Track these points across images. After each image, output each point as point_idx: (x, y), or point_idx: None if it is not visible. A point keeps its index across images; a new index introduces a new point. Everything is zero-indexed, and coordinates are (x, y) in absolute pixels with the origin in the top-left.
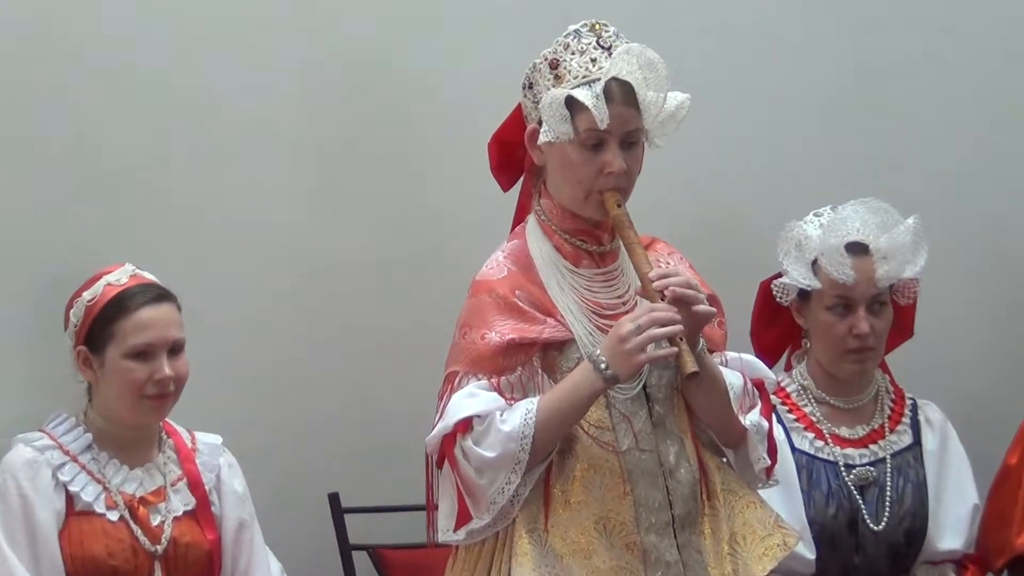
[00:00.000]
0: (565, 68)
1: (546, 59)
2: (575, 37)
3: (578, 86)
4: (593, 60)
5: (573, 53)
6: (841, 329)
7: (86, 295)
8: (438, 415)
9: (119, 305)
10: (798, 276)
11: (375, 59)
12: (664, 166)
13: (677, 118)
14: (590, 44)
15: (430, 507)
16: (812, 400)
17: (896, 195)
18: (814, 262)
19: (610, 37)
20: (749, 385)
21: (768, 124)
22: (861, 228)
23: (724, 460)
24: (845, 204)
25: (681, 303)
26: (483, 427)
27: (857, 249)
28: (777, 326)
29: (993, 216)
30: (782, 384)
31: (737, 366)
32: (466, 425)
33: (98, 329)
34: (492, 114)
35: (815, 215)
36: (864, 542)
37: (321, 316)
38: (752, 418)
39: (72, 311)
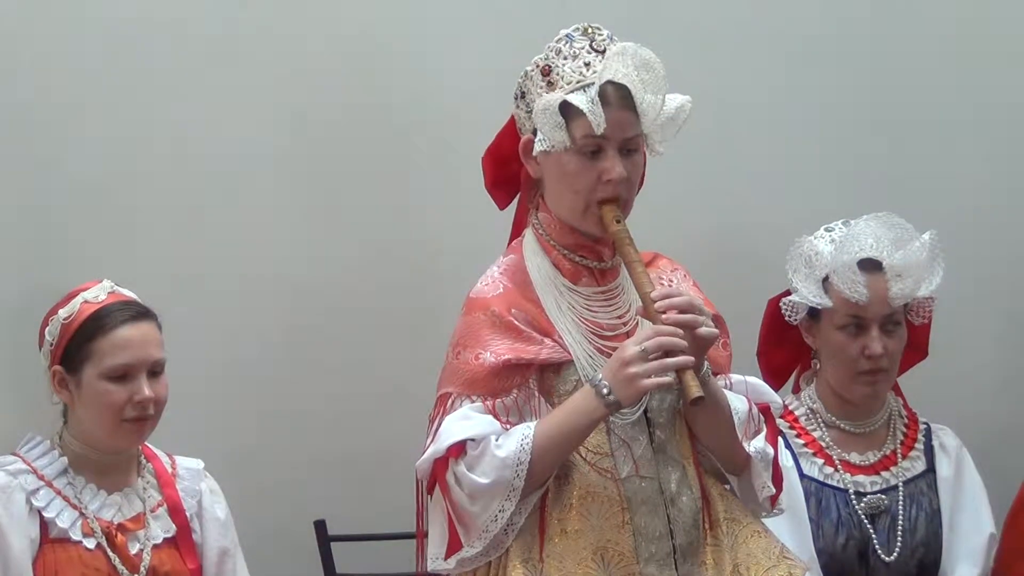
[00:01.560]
0: (558, 74)
1: (538, 66)
2: (567, 42)
3: (572, 91)
4: (587, 64)
5: (565, 58)
6: (853, 350)
7: (62, 313)
8: (429, 438)
9: (97, 323)
10: (808, 294)
11: (360, 73)
12: (668, 178)
13: (677, 121)
14: (583, 48)
15: (420, 534)
16: (821, 424)
17: (912, 209)
18: (825, 279)
19: (604, 40)
20: (754, 410)
21: (777, 135)
22: (874, 244)
23: (727, 487)
24: (858, 219)
25: (684, 326)
26: (477, 452)
27: (870, 266)
28: (786, 346)
29: (1010, 231)
30: (790, 407)
31: (742, 390)
32: (459, 449)
33: (75, 348)
34: (485, 128)
35: (826, 230)
36: (875, 574)
37: (307, 338)
38: (757, 444)
39: (47, 329)
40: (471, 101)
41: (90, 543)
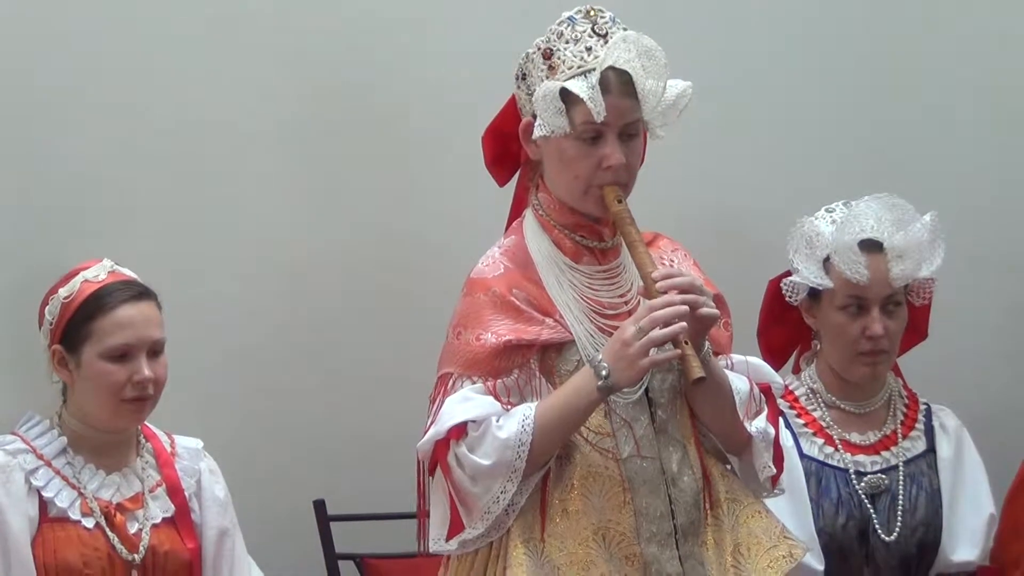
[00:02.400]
0: (559, 58)
1: (539, 48)
2: (569, 25)
3: (573, 77)
4: (588, 49)
5: (567, 42)
6: (854, 330)
7: (62, 292)
8: (430, 419)
9: (97, 303)
10: (809, 274)
11: (358, 57)
12: (669, 160)
13: (678, 107)
14: (585, 32)
15: (421, 515)
16: (822, 404)
17: (911, 190)
18: (826, 260)
19: (606, 24)
20: (755, 390)
21: (777, 116)
22: (875, 225)
23: (728, 467)
24: (859, 199)
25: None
26: (478, 433)
27: (871, 247)
28: (786, 326)
29: (1011, 213)
30: (790, 387)
31: (743, 370)
32: (460, 431)
33: (74, 328)
34: (488, 106)
35: (827, 211)
36: (875, 553)
37: (306, 318)
38: (758, 424)
39: (47, 308)
40: (470, 87)
41: (89, 523)
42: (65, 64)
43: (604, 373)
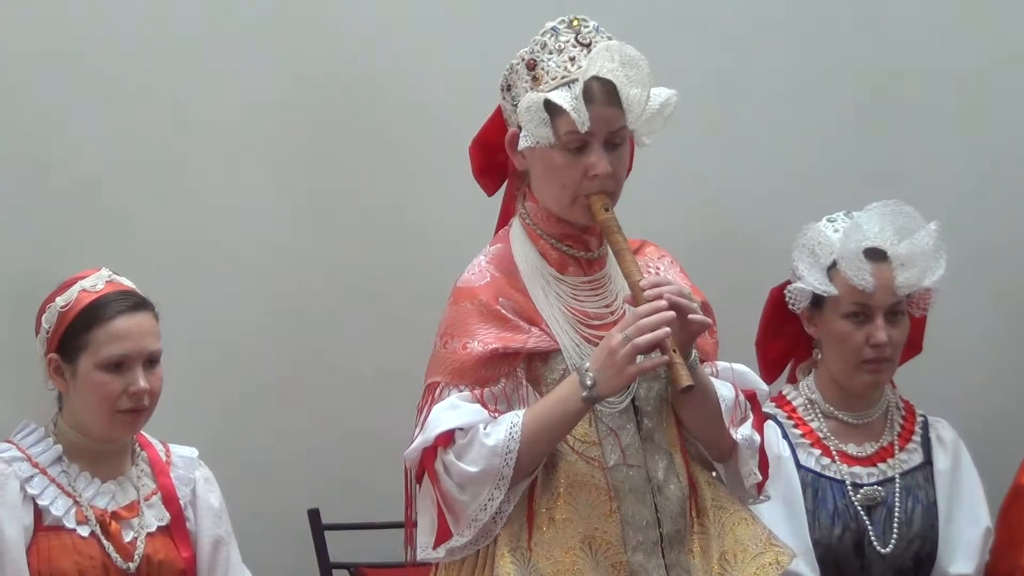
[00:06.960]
0: (543, 69)
1: (523, 59)
2: (552, 35)
3: (556, 87)
4: (572, 59)
5: (551, 52)
6: (858, 338)
7: (59, 301)
8: (418, 427)
9: (94, 313)
10: (814, 281)
11: (353, 62)
12: (659, 168)
13: (664, 115)
14: (568, 42)
15: (409, 523)
16: (819, 415)
17: (908, 200)
18: (831, 267)
19: (589, 33)
20: (740, 397)
21: (772, 123)
22: (879, 233)
23: (714, 475)
24: (868, 206)
25: (675, 312)
26: (466, 440)
27: (876, 255)
28: (783, 338)
29: (1006, 226)
30: (788, 397)
31: (728, 377)
32: (448, 438)
33: (71, 337)
34: (475, 116)
35: (828, 221)
36: (871, 565)
37: (301, 328)
38: (744, 432)
39: (44, 316)
40: (464, 93)
41: (84, 531)
42: (61, 73)
43: (589, 383)
